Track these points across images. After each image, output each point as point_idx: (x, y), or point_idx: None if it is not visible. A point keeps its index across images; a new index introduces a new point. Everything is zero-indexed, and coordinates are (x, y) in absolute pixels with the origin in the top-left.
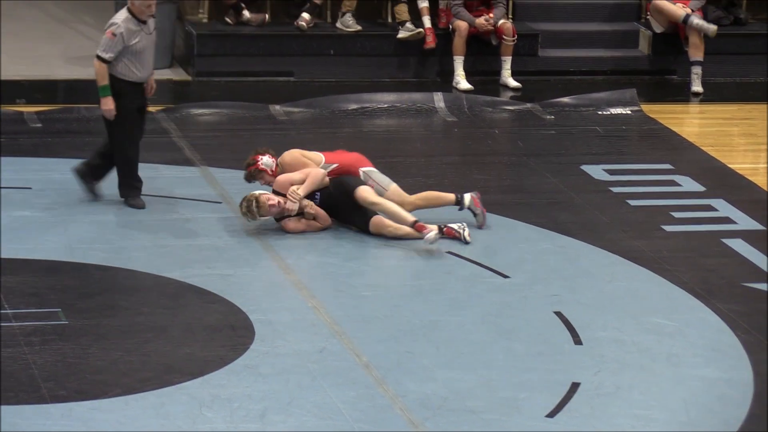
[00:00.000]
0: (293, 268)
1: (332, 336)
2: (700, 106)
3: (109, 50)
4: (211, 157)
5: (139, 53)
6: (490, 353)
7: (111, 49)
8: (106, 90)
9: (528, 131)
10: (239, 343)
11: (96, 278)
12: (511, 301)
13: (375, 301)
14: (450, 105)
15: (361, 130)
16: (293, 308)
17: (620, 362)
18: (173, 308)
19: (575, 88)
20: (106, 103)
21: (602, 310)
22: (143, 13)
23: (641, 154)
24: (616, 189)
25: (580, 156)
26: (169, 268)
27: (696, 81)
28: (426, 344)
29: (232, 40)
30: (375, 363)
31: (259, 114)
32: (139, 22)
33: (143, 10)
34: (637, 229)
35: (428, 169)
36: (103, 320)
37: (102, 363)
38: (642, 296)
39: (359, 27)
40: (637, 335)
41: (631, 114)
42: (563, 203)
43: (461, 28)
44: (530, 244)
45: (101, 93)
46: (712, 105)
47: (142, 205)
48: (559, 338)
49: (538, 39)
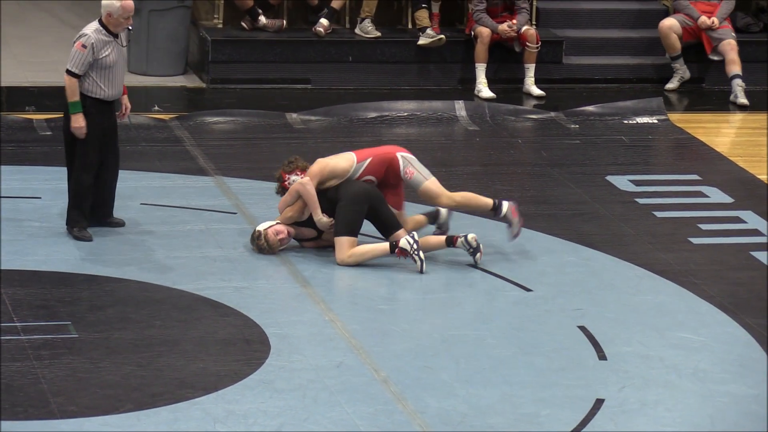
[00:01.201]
0: (310, 280)
1: (350, 350)
2: (728, 116)
3: (79, 64)
4: (225, 167)
5: (108, 68)
6: (511, 368)
7: (81, 63)
8: (77, 106)
9: (552, 141)
10: (254, 358)
11: (107, 290)
12: (533, 314)
13: (393, 314)
14: (471, 114)
15: (380, 139)
16: (310, 322)
17: (645, 378)
18: (186, 321)
19: (600, 97)
20: (76, 120)
21: (627, 324)
22: (119, 26)
23: (668, 164)
24: (642, 200)
25: (605, 166)
26: (182, 281)
27: (740, 93)
28: (446, 359)
29: (247, 47)
30: (393, 378)
31: (275, 122)
32: (110, 34)
33: (121, 22)
34: (664, 242)
35: (449, 179)
36: (114, 333)
37: (113, 377)
38: (668, 310)
39: (378, 33)
40: (662, 350)
41: (657, 123)
42: (588, 215)
43: (483, 35)
44: (553, 256)
45: (71, 110)
46: (741, 114)
47: (89, 238)
48: (583, 353)
49: (562, 46)
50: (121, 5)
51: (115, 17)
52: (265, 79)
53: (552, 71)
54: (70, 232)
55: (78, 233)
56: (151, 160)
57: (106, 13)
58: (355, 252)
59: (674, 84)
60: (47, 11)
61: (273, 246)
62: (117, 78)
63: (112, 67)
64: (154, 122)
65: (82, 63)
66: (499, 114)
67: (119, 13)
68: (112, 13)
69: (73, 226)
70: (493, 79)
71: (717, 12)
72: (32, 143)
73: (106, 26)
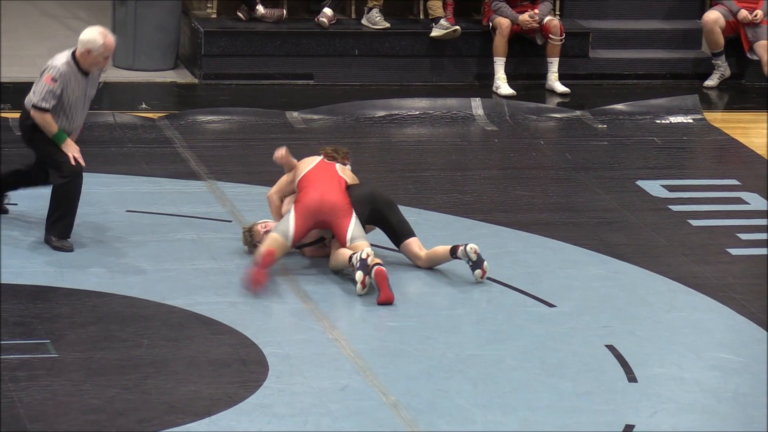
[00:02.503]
0: (311, 295)
1: (356, 372)
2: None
3: (49, 98)
4: (219, 170)
5: (71, 104)
6: (533, 392)
7: (50, 97)
8: (62, 135)
9: (577, 142)
10: (251, 380)
11: (89, 306)
12: (557, 333)
13: (404, 332)
14: (489, 112)
15: (390, 140)
16: (312, 340)
17: (680, 402)
18: (176, 340)
19: (630, 94)
20: (68, 149)
21: (660, 343)
22: (95, 66)
23: (704, 168)
24: (676, 207)
25: (635, 170)
26: (172, 295)
27: None
28: (462, 382)
29: (243, 39)
30: (404, 402)
31: (275, 122)
32: (80, 70)
33: (99, 62)
34: (700, 253)
35: (464, 184)
36: (97, 353)
37: (96, 402)
38: (705, 328)
39: (387, 24)
40: (699, 372)
41: (693, 123)
42: (616, 223)
43: (503, 26)
44: (579, 269)
45: (58, 142)
46: None
47: (70, 248)
48: (611, 375)
49: (588, 38)
50: (104, 43)
51: (94, 55)
52: (263, 74)
53: (577, 66)
54: (49, 242)
55: (57, 243)
56: (138, 162)
57: (85, 49)
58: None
59: (714, 81)
60: (24, 1)
61: (255, 238)
62: (76, 116)
63: (75, 103)
64: (142, 121)
65: (51, 97)
66: (519, 113)
67: (99, 52)
68: (92, 50)
69: (54, 236)
70: (513, 74)
71: (761, 4)
72: (8, 144)
73: (79, 62)
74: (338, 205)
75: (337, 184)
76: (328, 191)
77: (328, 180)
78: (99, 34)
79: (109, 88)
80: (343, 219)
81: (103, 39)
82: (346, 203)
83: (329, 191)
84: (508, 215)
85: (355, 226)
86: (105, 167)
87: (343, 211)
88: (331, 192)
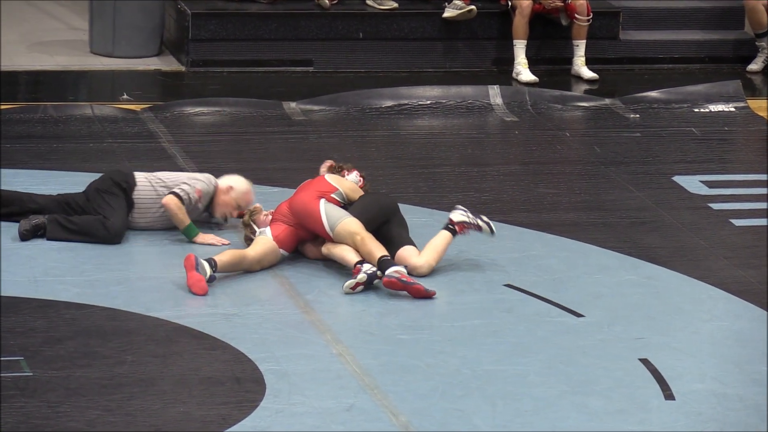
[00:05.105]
0: (313, 305)
1: (362, 390)
2: None
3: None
4: (209, 167)
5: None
6: (559, 411)
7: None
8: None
9: (607, 134)
10: (246, 400)
11: (67, 319)
12: (585, 345)
13: (415, 346)
14: (509, 101)
15: (399, 133)
16: (313, 356)
17: (722, 421)
18: (164, 356)
19: (665, 80)
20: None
21: (699, 356)
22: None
23: (747, 161)
24: (717, 205)
25: (671, 165)
26: (158, 307)
27: None
28: (479, 400)
29: (235, 21)
30: (416, 423)
31: (270, 113)
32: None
33: (229, 208)
34: (743, 255)
35: (482, 181)
36: (76, 371)
37: (75, 424)
38: (748, 339)
39: (395, 4)
40: (742, 387)
41: (735, 111)
42: (650, 223)
43: (523, 6)
44: (609, 274)
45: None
46: None
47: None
48: (646, 392)
49: (619, 18)
50: (246, 190)
51: (233, 198)
52: (257, 60)
53: (607, 49)
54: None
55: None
56: (120, 159)
57: (227, 186)
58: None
59: (758, 65)
60: None
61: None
62: (143, 218)
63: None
64: (123, 114)
65: (189, 199)
66: (542, 101)
67: (238, 197)
68: (235, 189)
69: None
70: (534, 59)
71: None
72: None
73: (214, 199)
74: (305, 198)
75: (314, 186)
76: (298, 192)
77: (306, 185)
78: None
79: (86, 77)
80: (312, 208)
81: (248, 186)
82: (314, 196)
83: (299, 192)
84: (530, 215)
85: (327, 215)
86: (83, 165)
87: (311, 202)
88: (302, 192)
